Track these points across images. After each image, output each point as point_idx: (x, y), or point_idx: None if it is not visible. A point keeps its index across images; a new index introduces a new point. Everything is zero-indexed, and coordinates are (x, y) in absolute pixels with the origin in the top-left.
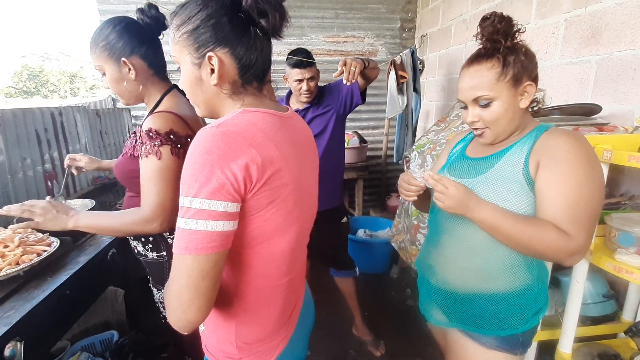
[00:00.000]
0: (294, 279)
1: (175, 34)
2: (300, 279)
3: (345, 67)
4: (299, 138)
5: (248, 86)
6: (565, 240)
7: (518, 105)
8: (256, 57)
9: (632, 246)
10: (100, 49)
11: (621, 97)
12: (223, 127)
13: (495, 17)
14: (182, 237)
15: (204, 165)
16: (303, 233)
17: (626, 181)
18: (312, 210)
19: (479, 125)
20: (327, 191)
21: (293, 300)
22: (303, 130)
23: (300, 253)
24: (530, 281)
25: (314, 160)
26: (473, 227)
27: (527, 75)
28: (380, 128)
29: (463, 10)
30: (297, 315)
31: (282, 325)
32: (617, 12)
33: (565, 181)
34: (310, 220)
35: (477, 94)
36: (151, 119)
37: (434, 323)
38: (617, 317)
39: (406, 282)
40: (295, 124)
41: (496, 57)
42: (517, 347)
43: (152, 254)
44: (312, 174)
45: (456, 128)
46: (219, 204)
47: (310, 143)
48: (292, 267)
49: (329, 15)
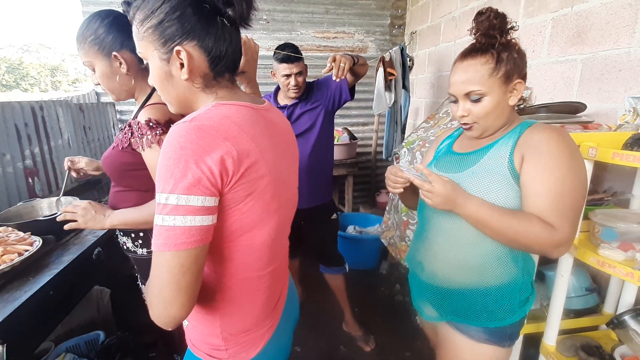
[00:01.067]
0: (277, 270)
1: (139, 29)
2: (283, 270)
3: (335, 63)
4: (277, 131)
5: (220, 79)
6: (550, 232)
7: (507, 101)
8: (226, 48)
9: (615, 241)
10: (89, 44)
11: (605, 96)
12: (196, 121)
13: (491, 12)
14: (160, 234)
15: (179, 161)
16: (283, 224)
17: (609, 178)
18: (291, 202)
19: (468, 120)
20: (317, 188)
21: (277, 290)
22: (281, 124)
23: (282, 244)
24: (516, 273)
25: (293, 153)
26: (460, 222)
27: (518, 73)
28: (370, 125)
29: (452, 8)
30: (282, 306)
31: (267, 316)
32: (602, 12)
33: (549, 174)
34: (290, 212)
35: (469, 88)
36: (148, 110)
37: (426, 318)
38: (599, 309)
39: (395, 278)
40: (273, 116)
41: (490, 53)
42: (504, 339)
43: (141, 250)
44: (291, 166)
45: (445, 125)
46: (196, 198)
47: (288, 136)
48: (273, 258)
49: (319, 10)
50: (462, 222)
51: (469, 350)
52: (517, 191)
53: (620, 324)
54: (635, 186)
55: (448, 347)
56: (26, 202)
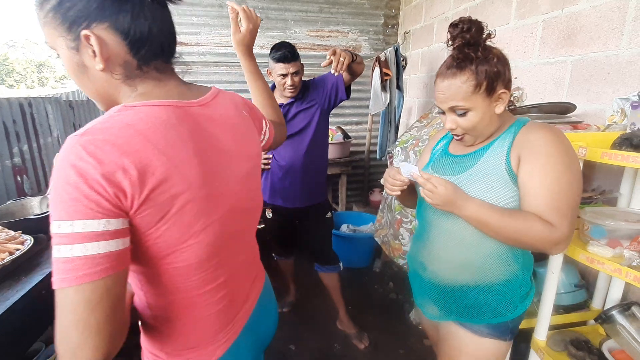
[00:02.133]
0: (228, 284)
1: (39, 14)
2: (240, 283)
3: (335, 57)
4: (215, 129)
5: (147, 67)
6: (550, 230)
7: (493, 111)
8: (149, 28)
9: (603, 238)
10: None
11: (594, 97)
12: (89, 134)
13: (463, 24)
14: (57, 269)
15: (68, 183)
16: (228, 235)
17: (597, 177)
18: (240, 209)
19: (457, 132)
20: (312, 187)
21: (235, 304)
22: (223, 118)
23: (231, 255)
24: (516, 269)
25: (244, 151)
26: (461, 222)
27: (501, 82)
28: (363, 124)
29: (445, 9)
30: (243, 320)
31: (220, 330)
32: (592, 14)
33: (545, 173)
34: (241, 219)
35: (452, 104)
36: None
37: (429, 317)
38: (588, 305)
39: (389, 276)
40: (212, 112)
41: (469, 69)
42: (506, 333)
43: None
44: (238, 166)
45: (438, 125)
46: (95, 223)
47: (235, 132)
48: (215, 273)
49: (313, 9)
50: (464, 223)
51: (472, 345)
52: (515, 191)
53: (608, 319)
54: (622, 185)
55: (451, 341)
56: (15, 200)
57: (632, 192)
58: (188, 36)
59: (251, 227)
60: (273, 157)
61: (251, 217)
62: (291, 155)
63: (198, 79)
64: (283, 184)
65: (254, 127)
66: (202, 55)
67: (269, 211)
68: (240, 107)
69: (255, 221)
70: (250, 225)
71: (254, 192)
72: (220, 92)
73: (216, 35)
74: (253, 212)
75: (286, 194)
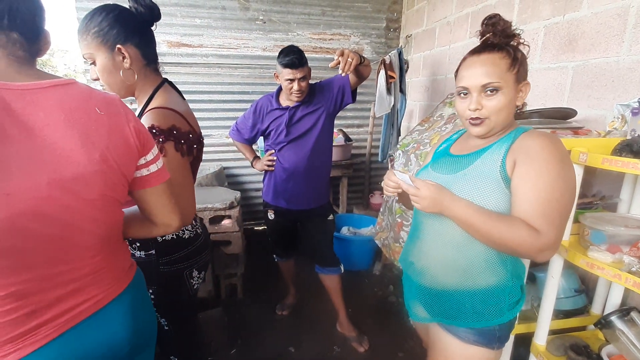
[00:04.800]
0: (26, 295)
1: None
2: (51, 295)
3: (342, 57)
4: (34, 119)
5: None
6: (535, 237)
7: (515, 102)
8: None
9: (604, 244)
10: (92, 36)
11: (595, 103)
12: None
13: (498, 17)
14: None
15: None
16: (22, 241)
17: (598, 182)
18: (45, 213)
19: (480, 114)
20: (315, 189)
21: (34, 318)
22: (61, 111)
23: (35, 265)
24: (504, 276)
25: (80, 151)
26: (450, 224)
27: (524, 75)
28: (365, 126)
29: (447, 13)
30: (51, 336)
31: (7, 342)
32: (593, 21)
33: (538, 179)
34: (55, 226)
35: (487, 80)
36: (151, 115)
37: (416, 319)
38: (587, 310)
39: (389, 279)
40: (39, 100)
41: (506, 50)
42: (493, 341)
43: (139, 253)
44: (61, 167)
45: (439, 128)
46: None
47: (78, 129)
48: (6, 278)
49: (316, 12)
50: (452, 224)
51: (458, 352)
52: (507, 195)
53: (607, 324)
54: (622, 190)
55: (438, 348)
56: None
57: (632, 197)
58: (191, 38)
59: (86, 236)
60: (277, 159)
61: (82, 225)
62: (295, 157)
63: (200, 80)
64: (286, 186)
65: (116, 133)
66: (205, 57)
67: (270, 212)
68: (95, 105)
69: (97, 229)
70: (82, 233)
71: (82, 201)
72: (74, 84)
73: (219, 37)
74: (84, 221)
75: (289, 196)
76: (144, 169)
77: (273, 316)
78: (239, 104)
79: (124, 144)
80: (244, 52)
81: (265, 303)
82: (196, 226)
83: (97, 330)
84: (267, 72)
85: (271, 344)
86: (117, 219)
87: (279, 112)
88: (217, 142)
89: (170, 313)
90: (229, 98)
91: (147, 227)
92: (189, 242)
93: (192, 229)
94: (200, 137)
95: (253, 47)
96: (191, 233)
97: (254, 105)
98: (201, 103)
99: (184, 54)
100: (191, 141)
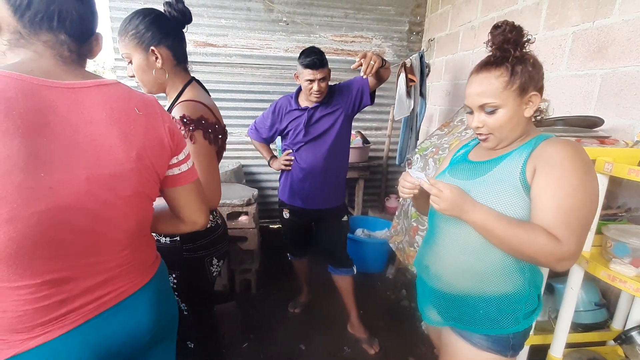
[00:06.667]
0: (59, 283)
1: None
2: (83, 284)
3: (365, 60)
4: (77, 117)
5: (31, 36)
6: (555, 245)
7: (522, 114)
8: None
9: (627, 256)
10: (130, 37)
11: (623, 112)
12: None
13: (506, 26)
14: None
15: None
16: (62, 232)
17: (624, 194)
18: (83, 208)
19: (483, 131)
20: (331, 190)
21: (64, 305)
22: (102, 110)
23: (70, 255)
24: (522, 284)
25: (120, 149)
26: (467, 228)
27: (533, 86)
28: (383, 129)
29: (472, 17)
30: (77, 322)
31: (35, 326)
32: (624, 28)
33: (559, 187)
34: (90, 219)
35: (483, 100)
36: (183, 107)
37: (429, 322)
38: (608, 325)
39: (402, 283)
40: (82, 99)
41: (505, 66)
42: (507, 349)
43: (164, 239)
44: (99, 164)
45: (459, 133)
46: None
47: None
48: (33, 270)
49: (338, 14)
50: (470, 229)
51: (470, 358)
52: (526, 202)
53: (627, 339)
54: None
55: (450, 352)
56: None
57: None
58: (216, 38)
59: (117, 230)
60: (294, 159)
61: (115, 220)
62: (312, 158)
63: (223, 79)
64: (302, 185)
65: (152, 133)
66: (229, 56)
67: (286, 211)
68: (134, 105)
69: (127, 225)
70: (114, 228)
71: (117, 197)
72: (116, 85)
73: (243, 38)
74: (118, 216)
75: (305, 195)
76: (175, 168)
77: (285, 313)
78: (260, 104)
79: (158, 143)
80: (267, 52)
81: (278, 300)
82: (217, 217)
83: (120, 318)
84: (288, 72)
85: (282, 340)
86: (148, 215)
87: (298, 113)
88: (237, 140)
89: (191, 298)
90: (250, 97)
91: (175, 223)
92: (211, 231)
93: (214, 220)
94: (224, 128)
95: (275, 47)
96: (212, 223)
97: (273, 105)
98: (223, 101)
99: (209, 54)
100: (217, 131)
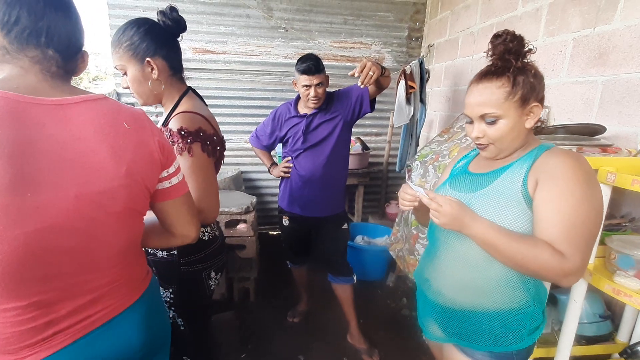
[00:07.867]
0: (46, 304)
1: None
2: (70, 304)
3: (364, 70)
4: (65, 134)
5: (17, 54)
6: (560, 260)
7: (523, 124)
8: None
9: (632, 269)
10: (124, 49)
11: (626, 119)
12: None
13: (507, 35)
14: None
15: None
16: (49, 253)
17: (627, 203)
18: (70, 226)
19: (483, 141)
20: (330, 197)
21: (52, 326)
22: (89, 127)
23: (57, 275)
24: (526, 300)
25: (109, 165)
26: (469, 243)
27: (534, 96)
28: (383, 135)
29: (471, 23)
30: (66, 342)
31: (23, 348)
32: (625, 34)
33: (562, 200)
34: (79, 237)
35: (484, 111)
36: (180, 119)
37: (430, 338)
38: (612, 337)
39: (402, 291)
40: (69, 116)
41: (506, 76)
42: None
43: (161, 253)
44: (88, 180)
45: (459, 140)
46: None
47: (108, 143)
48: (19, 292)
49: (338, 20)
50: (472, 243)
51: None
52: (528, 215)
53: (633, 354)
54: None
55: None
56: None
57: None
58: (215, 44)
59: (107, 247)
60: (293, 166)
61: (105, 237)
62: (311, 165)
63: (222, 85)
64: (302, 193)
65: (142, 147)
66: (228, 63)
67: (285, 219)
68: (123, 120)
69: (118, 241)
70: (104, 245)
71: (107, 214)
72: (104, 99)
73: (242, 44)
74: (107, 233)
75: (304, 203)
76: (165, 182)
77: (284, 322)
78: (259, 110)
79: (148, 157)
80: (266, 59)
81: (276, 308)
82: (214, 229)
83: (110, 337)
84: (287, 79)
85: (281, 350)
86: (138, 231)
87: (297, 120)
88: (236, 147)
89: (188, 313)
90: (250, 104)
91: (166, 237)
92: (208, 244)
93: (211, 232)
94: (222, 139)
95: (275, 54)
96: (210, 235)
97: (273, 112)
98: (222, 108)
99: (208, 60)
100: (215, 143)
